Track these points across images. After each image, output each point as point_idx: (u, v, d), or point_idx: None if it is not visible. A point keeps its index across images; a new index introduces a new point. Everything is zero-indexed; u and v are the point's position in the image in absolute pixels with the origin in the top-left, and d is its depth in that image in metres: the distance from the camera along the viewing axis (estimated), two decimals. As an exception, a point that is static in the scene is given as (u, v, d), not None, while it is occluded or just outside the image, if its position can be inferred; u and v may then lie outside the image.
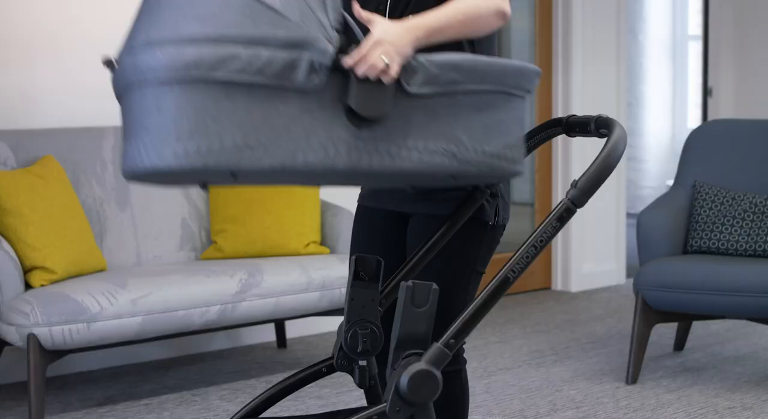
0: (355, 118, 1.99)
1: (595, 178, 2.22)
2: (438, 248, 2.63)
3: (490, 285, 2.21)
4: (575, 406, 4.09)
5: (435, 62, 2.06)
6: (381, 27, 2.08)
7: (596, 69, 6.47)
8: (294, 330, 5.24)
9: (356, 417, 2.22)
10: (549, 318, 5.73)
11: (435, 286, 2.22)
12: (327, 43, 1.95)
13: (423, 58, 2.06)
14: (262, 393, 2.57)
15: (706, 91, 7.52)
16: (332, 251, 4.69)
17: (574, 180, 2.24)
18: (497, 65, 2.14)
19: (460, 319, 2.21)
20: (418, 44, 2.12)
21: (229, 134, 1.87)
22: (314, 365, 2.61)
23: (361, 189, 2.99)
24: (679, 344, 4.96)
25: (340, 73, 1.97)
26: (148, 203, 4.56)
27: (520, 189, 6.66)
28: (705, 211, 4.60)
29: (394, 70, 2.03)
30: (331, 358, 2.57)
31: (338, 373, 2.64)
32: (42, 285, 3.92)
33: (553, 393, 4.27)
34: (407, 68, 2.05)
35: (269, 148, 1.91)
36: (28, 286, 3.96)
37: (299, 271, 4.35)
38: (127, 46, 1.92)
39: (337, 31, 1.98)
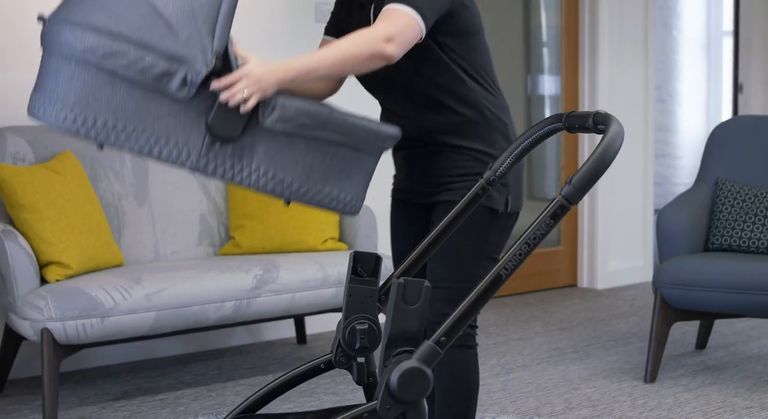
0: (211, 132, 2.31)
1: (590, 175, 2.19)
2: (448, 235, 2.65)
3: (482, 283, 2.18)
4: (591, 405, 4.06)
5: (292, 106, 2.35)
6: (253, 63, 2.33)
7: (623, 64, 6.42)
8: (314, 326, 5.24)
9: (347, 414, 2.21)
10: (572, 315, 5.69)
11: (427, 283, 2.20)
12: (202, 65, 2.24)
13: (282, 99, 2.34)
14: (260, 390, 2.56)
15: (737, 87, 7.43)
16: (350, 247, 4.68)
17: (569, 177, 2.21)
18: (351, 122, 2.41)
19: (451, 317, 2.19)
20: (284, 84, 2.36)
21: (103, 115, 2.22)
22: (312, 361, 2.61)
23: (393, 184, 3.05)
24: (702, 342, 4.90)
25: (209, 92, 2.28)
26: (166, 198, 4.57)
27: (546, 185, 6.62)
28: (727, 208, 4.55)
29: (251, 104, 2.30)
30: (330, 354, 2.56)
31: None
32: (57, 280, 3.94)
33: (569, 392, 4.23)
34: (266, 103, 2.32)
35: (132, 136, 2.24)
36: (43, 281, 3.98)
37: (315, 267, 4.34)
38: (54, 12, 2.24)
39: (217, 56, 2.26)
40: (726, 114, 10.19)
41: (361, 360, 2.53)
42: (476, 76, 2.88)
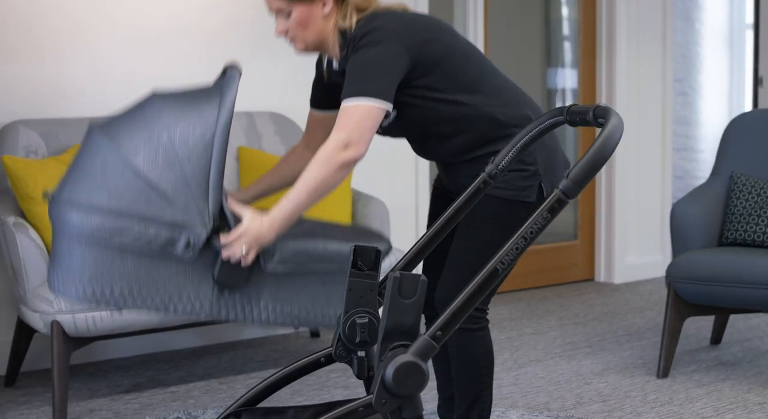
0: (219, 284, 2.54)
1: (587, 169, 2.17)
2: (451, 227, 2.68)
3: (478, 277, 2.17)
4: (602, 400, 4.04)
5: (289, 249, 2.61)
6: (248, 220, 2.56)
7: (641, 57, 6.38)
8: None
9: (342, 408, 2.21)
10: (588, 309, 5.67)
11: (423, 277, 2.19)
12: (202, 228, 2.47)
13: (281, 243, 2.59)
14: (260, 383, 2.57)
15: (757, 81, 7.38)
16: (362, 240, 4.66)
17: (567, 171, 2.19)
18: (342, 251, 2.63)
19: (447, 311, 2.18)
20: (280, 233, 2.62)
21: (119, 285, 2.45)
22: (312, 355, 2.61)
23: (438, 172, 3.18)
24: (716, 337, 4.87)
25: (212, 249, 2.50)
26: (179, 191, 4.57)
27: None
28: (741, 202, 4.51)
29: (250, 258, 2.55)
30: (330, 348, 2.56)
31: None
32: (68, 273, 3.95)
33: (581, 386, 4.22)
34: (266, 251, 2.58)
35: (147, 298, 2.48)
36: (54, 273, 3.99)
37: (327, 260, 4.33)
38: (57, 193, 2.48)
39: (214, 217, 2.48)
40: (749, 107, 10.11)
41: (361, 353, 2.53)
42: (471, 90, 2.95)
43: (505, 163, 2.64)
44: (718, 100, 10.20)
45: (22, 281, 3.90)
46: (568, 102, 6.61)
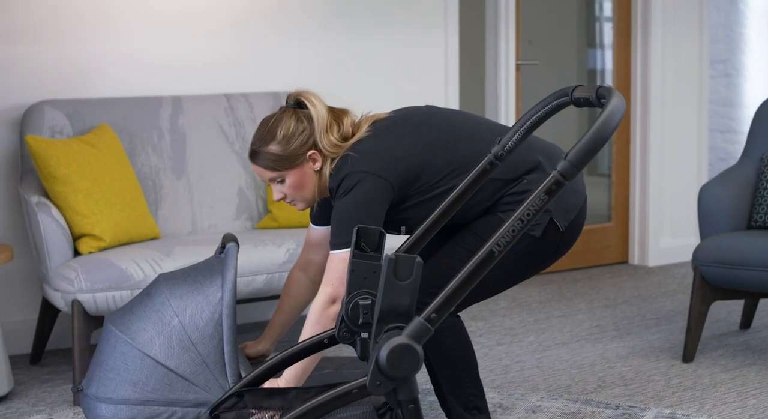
0: None
1: (586, 150, 2.15)
2: (455, 211, 2.72)
3: (474, 259, 2.15)
4: (624, 383, 4.00)
5: None
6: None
7: (677, 38, 6.29)
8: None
9: (337, 390, 2.20)
10: (619, 292, 5.62)
11: (419, 259, 2.18)
12: None
13: None
14: (264, 364, 2.57)
15: (798, 61, 7.25)
16: (387, 222, 4.66)
17: (566, 152, 2.17)
18: None
19: (442, 294, 2.16)
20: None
21: None
22: (316, 336, 2.60)
23: None
24: (746, 322, 4.80)
25: None
26: (204, 171, 4.58)
27: (597, 160, 6.53)
28: (771, 185, 4.44)
29: None
30: (334, 329, 2.55)
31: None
32: (90, 252, 3.98)
33: (604, 370, 4.18)
34: None
35: None
36: (77, 253, 4.02)
37: (349, 241, 4.33)
38: (86, 388, 2.69)
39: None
40: (794, 89, 9.95)
41: (364, 335, 2.52)
42: (465, 169, 2.94)
43: (511, 145, 2.62)
44: (763, 82, 10.05)
45: (44, 261, 3.93)
46: (608, 84, 6.53)
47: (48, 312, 4.23)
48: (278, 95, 4.86)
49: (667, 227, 6.38)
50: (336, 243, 2.87)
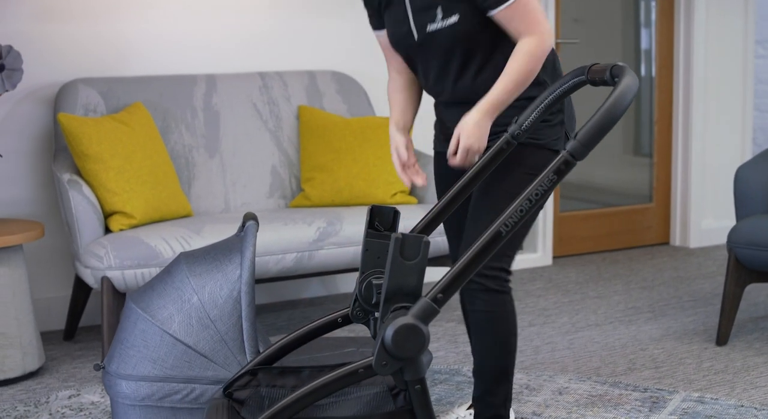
0: None
1: (596, 130, 2.11)
2: (472, 189, 2.63)
3: (481, 239, 2.13)
4: (654, 366, 3.96)
5: None
6: (458, 126, 2.80)
7: (721, 15, 6.19)
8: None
9: (343, 369, 2.19)
10: (657, 274, 5.56)
11: (426, 238, 2.16)
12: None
13: None
14: (275, 343, 2.56)
15: None
16: (420, 201, 4.64)
17: (576, 131, 2.13)
18: None
19: (449, 273, 2.14)
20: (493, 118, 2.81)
21: None
22: (329, 315, 2.59)
23: (435, 137, 3.06)
24: (784, 305, 4.74)
25: None
26: (238, 149, 4.59)
27: (638, 140, 6.46)
28: (810, 166, 4.36)
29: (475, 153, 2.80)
30: (348, 308, 2.54)
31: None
32: (121, 230, 4.01)
33: (635, 352, 4.14)
34: None
35: None
36: (108, 230, 4.05)
37: (380, 221, 4.31)
38: (107, 365, 2.67)
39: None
40: None
41: (378, 314, 2.51)
42: None
43: (528, 124, 2.59)
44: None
45: (75, 238, 3.97)
46: (652, 62, 6.44)
47: (81, 289, 4.27)
48: (313, 74, 4.85)
49: (709, 208, 6.30)
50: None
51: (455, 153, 2.82)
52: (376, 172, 4.57)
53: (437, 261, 4.32)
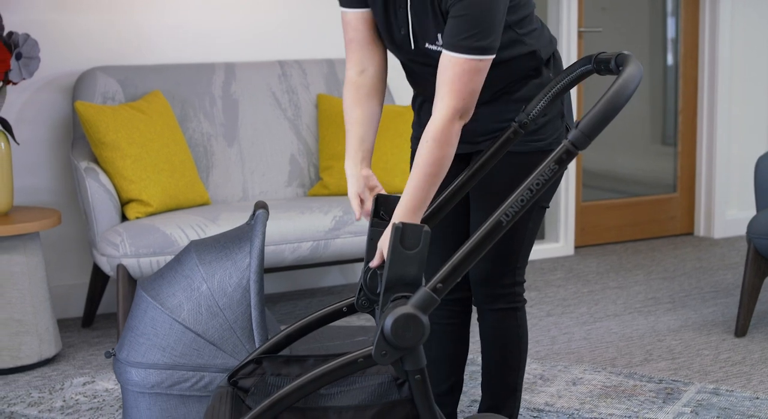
0: None
1: (598, 119, 2.09)
2: (476, 181, 2.59)
3: (482, 229, 2.12)
4: (671, 357, 3.93)
5: None
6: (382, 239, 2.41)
7: (747, 6, 6.12)
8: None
9: (342, 358, 2.19)
10: (679, 264, 5.52)
11: (426, 228, 2.15)
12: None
13: None
14: (281, 331, 2.56)
15: None
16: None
17: (577, 121, 2.12)
18: None
19: (449, 263, 2.14)
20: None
21: None
22: (335, 304, 2.59)
23: (413, 137, 3.00)
24: (806, 296, 4.69)
25: None
26: (257, 138, 4.60)
27: (664, 130, 6.41)
28: (832, 156, 4.31)
29: None
30: (353, 298, 2.54)
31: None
32: (137, 218, 4.02)
33: (653, 343, 4.11)
34: None
35: None
36: (125, 218, 4.07)
37: (397, 210, 4.30)
38: (118, 352, 2.71)
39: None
40: None
41: (383, 303, 2.50)
42: (526, 19, 2.69)
43: (536, 112, 2.57)
44: None
45: (92, 225, 3.98)
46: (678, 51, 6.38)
47: (99, 277, 4.28)
48: (332, 62, 4.85)
49: (734, 198, 6.24)
50: (471, 47, 2.37)
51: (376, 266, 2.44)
52: (393, 161, 4.56)
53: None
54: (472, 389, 3.57)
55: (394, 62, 2.73)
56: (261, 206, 2.83)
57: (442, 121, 2.38)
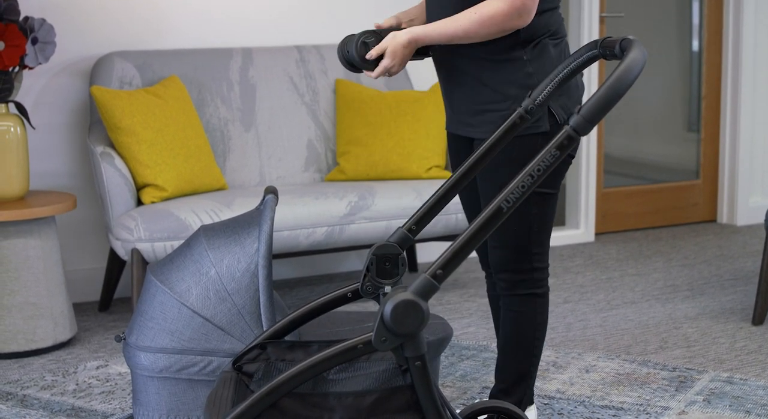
0: None
1: (600, 104, 2.07)
2: (482, 167, 2.58)
3: (482, 215, 2.11)
4: (687, 345, 3.91)
5: None
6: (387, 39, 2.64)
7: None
8: (426, 254, 5.21)
9: (342, 344, 2.19)
10: (700, 251, 5.48)
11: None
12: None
13: None
14: (286, 317, 2.56)
15: None
16: (455, 176, 4.60)
17: (579, 106, 2.10)
18: None
19: (449, 249, 2.13)
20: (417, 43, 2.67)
21: (195, 413, 2.67)
22: (339, 290, 2.58)
23: (446, 117, 3.00)
24: (826, 285, 4.64)
25: None
26: (274, 123, 4.59)
27: (689, 116, 6.36)
28: None
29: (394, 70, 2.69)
30: (357, 283, 2.53)
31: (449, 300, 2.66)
32: (152, 202, 4.03)
33: (669, 331, 4.09)
34: None
35: None
36: (140, 203, 4.08)
37: (413, 195, 4.30)
38: (127, 337, 2.73)
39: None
40: None
41: (387, 289, 2.50)
42: None
43: (542, 98, 2.55)
44: None
45: (107, 210, 4.00)
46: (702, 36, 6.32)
47: (115, 261, 4.30)
48: (350, 47, 4.83)
49: (757, 185, 6.19)
50: None
51: (374, 57, 2.69)
52: (411, 146, 4.55)
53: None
54: (484, 375, 3.56)
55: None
56: (270, 191, 2.83)
57: (499, 6, 2.58)
